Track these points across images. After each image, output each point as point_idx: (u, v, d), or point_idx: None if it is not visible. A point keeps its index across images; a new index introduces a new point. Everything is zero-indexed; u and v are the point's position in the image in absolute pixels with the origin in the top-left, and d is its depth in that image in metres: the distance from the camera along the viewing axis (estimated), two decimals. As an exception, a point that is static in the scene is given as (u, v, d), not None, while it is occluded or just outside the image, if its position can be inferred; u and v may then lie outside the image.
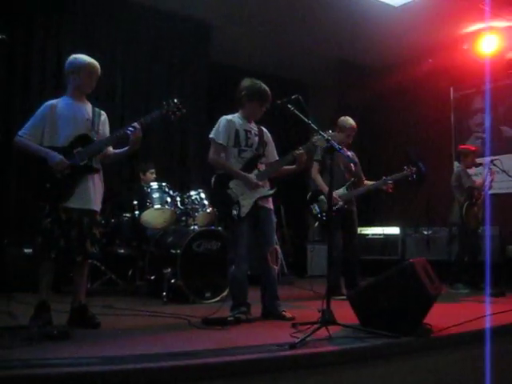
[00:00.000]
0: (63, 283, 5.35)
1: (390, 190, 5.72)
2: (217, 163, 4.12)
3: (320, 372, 2.77)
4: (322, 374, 2.77)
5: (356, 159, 5.72)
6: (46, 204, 3.53)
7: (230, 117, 4.19)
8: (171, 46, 7.78)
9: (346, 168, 5.68)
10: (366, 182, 5.89)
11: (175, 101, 3.77)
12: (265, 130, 4.35)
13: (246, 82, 4.20)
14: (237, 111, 4.29)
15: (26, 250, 5.59)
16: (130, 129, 3.60)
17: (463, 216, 6.34)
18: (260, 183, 4.07)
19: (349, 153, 5.72)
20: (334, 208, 5.37)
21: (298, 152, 4.09)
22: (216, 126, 4.17)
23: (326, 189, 5.45)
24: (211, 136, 4.15)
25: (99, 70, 3.77)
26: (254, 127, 4.25)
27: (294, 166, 4.22)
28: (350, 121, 5.75)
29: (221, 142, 4.08)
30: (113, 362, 2.48)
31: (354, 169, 5.74)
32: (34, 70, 6.56)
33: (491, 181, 6.51)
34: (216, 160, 4.11)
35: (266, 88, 4.17)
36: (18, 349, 2.79)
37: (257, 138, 4.21)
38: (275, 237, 4.39)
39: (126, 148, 3.75)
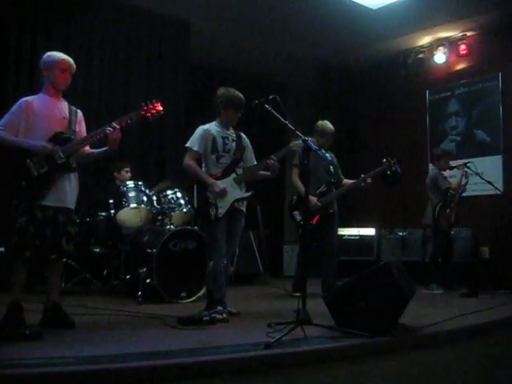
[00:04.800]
0: (37, 282, 5.28)
1: (368, 185, 5.68)
2: (189, 168, 4.25)
3: (295, 372, 2.79)
4: (297, 374, 2.78)
5: (335, 160, 5.87)
6: (21, 202, 3.47)
7: (206, 126, 4.34)
8: (150, 46, 7.71)
9: (325, 170, 5.71)
10: (345, 181, 5.92)
11: (153, 102, 3.77)
12: (243, 135, 4.49)
13: (221, 91, 4.35)
14: (214, 113, 4.41)
15: (-3, 249, 5.51)
16: (109, 128, 3.58)
17: (435, 217, 6.43)
18: (225, 189, 4.15)
19: (328, 155, 5.79)
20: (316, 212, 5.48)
21: (269, 161, 4.22)
22: (193, 135, 4.31)
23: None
24: (187, 145, 4.29)
25: (73, 66, 3.73)
26: (231, 133, 4.39)
27: (267, 173, 4.37)
28: (329, 125, 5.83)
29: (196, 149, 4.23)
30: (87, 362, 2.46)
31: (332, 170, 5.79)
32: (9, 67, 6.45)
33: (466, 183, 6.60)
34: (189, 166, 4.25)
35: (240, 95, 4.33)
36: (-11, 349, 2.75)
37: (234, 144, 4.34)
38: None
39: (105, 148, 3.73)
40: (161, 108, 3.78)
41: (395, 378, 3.18)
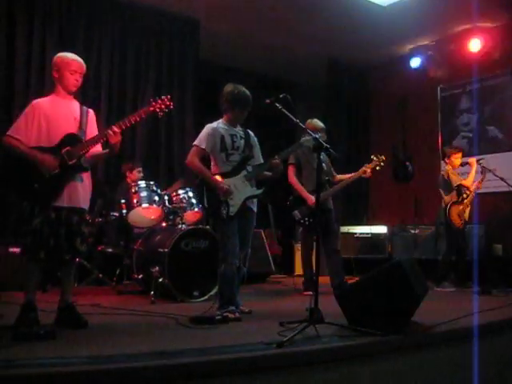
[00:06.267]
0: (50, 283, 5.32)
1: (368, 176, 5.84)
2: (193, 166, 4.21)
3: (308, 371, 2.78)
4: (309, 373, 2.78)
5: (327, 158, 5.89)
6: (35, 204, 3.48)
7: (214, 124, 4.29)
8: (159, 44, 7.75)
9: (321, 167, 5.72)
10: (338, 176, 5.95)
11: (163, 97, 3.77)
12: (251, 132, 4.45)
13: (228, 88, 4.28)
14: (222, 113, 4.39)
15: (11, 249, 5.54)
16: (110, 132, 3.57)
17: (447, 215, 6.39)
18: (237, 181, 4.15)
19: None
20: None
21: (273, 161, 4.19)
22: (200, 133, 4.28)
23: (304, 192, 5.67)
24: (194, 143, 4.26)
25: (83, 67, 3.72)
26: (239, 131, 4.35)
27: (269, 173, 4.33)
28: (319, 122, 5.88)
29: (203, 147, 4.19)
30: (100, 362, 2.47)
31: (325, 168, 5.80)
32: (19, 69, 6.50)
33: (482, 179, 6.55)
34: (193, 163, 4.20)
35: (248, 94, 4.26)
36: (4, 349, 2.76)
37: (243, 141, 4.30)
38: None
39: (106, 151, 3.73)
40: (170, 102, 3.77)
41: (408, 376, 3.17)
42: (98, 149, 3.76)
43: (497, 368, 3.75)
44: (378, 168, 5.80)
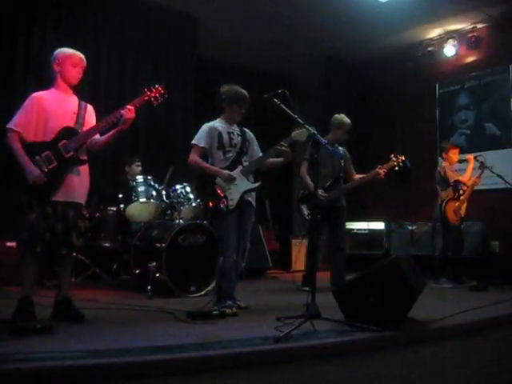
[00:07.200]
0: (47, 277, 5.31)
1: (382, 177, 5.55)
2: (194, 163, 4.29)
3: (305, 365, 2.79)
4: (306, 368, 2.79)
5: (347, 155, 5.83)
6: (33, 199, 3.48)
7: (211, 123, 4.40)
8: (158, 40, 7.72)
9: (335, 164, 5.68)
10: (356, 175, 5.88)
11: (157, 86, 3.79)
12: (247, 130, 4.55)
13: (225, 88, 4.42)
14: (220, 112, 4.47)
15: (8, 244, 5.54)
16: (125, 109, 3.59)
17: (442, 211, 6.40)
18: (234, 175, 4.20)
19: (340, 148, 5.78)
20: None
21: (281, 147, 4.19)
22: (198, 132, 4.37)
23: (312, 188, 5.49)
24: (193, 142, 4.34)
25: (84, 61, 3.75)
26: (236, 129, 4.46)
27: (280, 159, 4.36)
28: (345, 118, 5.79)
29: (202, 145, 4.28)
30: (97, 356, 2.48)
31: (342, 164, 5.76)
32: (19, 63, 6.48)
33: (481, 174, 6.55)
34: (194, 161, 4.29)
35: (244, 91, 4.39)
36: (1, 343, 2.77)
37: (240, 138, 4.41)
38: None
39: (115, 129, 3.69)
40: (164, 91, 3.78)
41: (404, 372, 3.17)
42: (96, 137, 3.73)
43: (494, 363, 3.77)
44: (396, 168, 5.61)
